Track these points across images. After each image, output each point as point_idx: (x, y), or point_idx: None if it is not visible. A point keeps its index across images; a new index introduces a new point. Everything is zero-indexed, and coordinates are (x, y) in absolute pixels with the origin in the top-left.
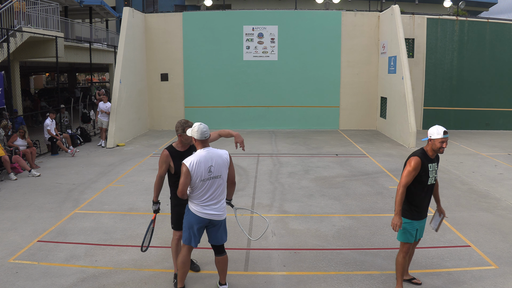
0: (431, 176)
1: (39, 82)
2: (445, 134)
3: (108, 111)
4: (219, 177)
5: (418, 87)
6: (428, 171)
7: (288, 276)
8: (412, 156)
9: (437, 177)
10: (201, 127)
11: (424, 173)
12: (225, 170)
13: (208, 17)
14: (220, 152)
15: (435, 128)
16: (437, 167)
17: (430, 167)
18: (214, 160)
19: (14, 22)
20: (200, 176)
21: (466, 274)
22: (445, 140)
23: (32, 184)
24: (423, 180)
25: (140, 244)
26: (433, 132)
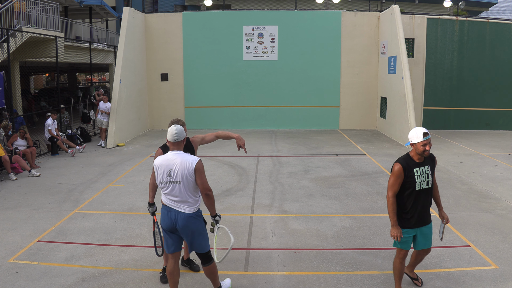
0: (419, 180)
1: (39, 82)
2: (425, 136)
3: (108, 111)
4: (178, 183)
5: (418, 87)
6: (415, 176)
7: (288, 276)
8: (395, 162)
9: (432, 180)
10: (173, 129)
11: (410, 179)
12: (188, 178)
13: (208, 17)
14: (188, 158)
15: (414, 131)
16: (430, 170)
17: (417, 171)
18: (176, 165)
19: (14, 22)
20: (160, 177)
21: (466, 274)
22: (426, 142)
23: (32, 184)
24: (410, 186)
25: (154, 247)
26: (413, 136)
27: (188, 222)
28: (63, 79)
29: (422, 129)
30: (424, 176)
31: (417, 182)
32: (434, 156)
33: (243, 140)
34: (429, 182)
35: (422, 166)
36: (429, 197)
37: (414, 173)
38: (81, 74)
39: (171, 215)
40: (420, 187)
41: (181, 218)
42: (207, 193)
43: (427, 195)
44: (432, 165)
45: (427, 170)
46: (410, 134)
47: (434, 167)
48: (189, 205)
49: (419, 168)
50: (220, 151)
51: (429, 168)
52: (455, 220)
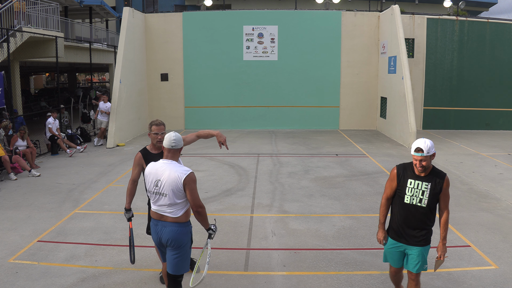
0: (409, 193)
1: (39, 82)
2: (417, 152)
3: (108, 111)
4: (165, 195)
5: (418, 87)
6: (406, 187)
7: (288, 276)
8: (395, 166)
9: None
10: (171, 134)
11: (401, 188)
12: (174, 191)
13: (208, 17)
14: (177, 170)
15: (415, 142)
16: (430, 189)
17: (411, 183)
18: (164, 176)
19: (14, 22)
20: (148, 186)
21: (466, 274)
22: (417, 159)
23: (32, 184)
24: (400, 196)
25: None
26: (412, 146)
27: (176, 236)
28: (63, 79)
29: (419, 143)
30: (418, 192)
31: (406, 194)
32: (446, 176)
33: (223, 136)
34: (423, 201)
35: (420, 180)
36: (420, 217)
37: (407, 183)
38: (81, 74)
39: (157, 229)
40: (409, 200)
41: (167, 232)
42: (198, 210)
43: (416, 213)
44: (436, 185)
45: (425, 187)
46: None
47: (439, 189)
48: (177, 207)
49: (415, 181)
50: (220, 151)
51: (429, 187)
52: (455, 220)
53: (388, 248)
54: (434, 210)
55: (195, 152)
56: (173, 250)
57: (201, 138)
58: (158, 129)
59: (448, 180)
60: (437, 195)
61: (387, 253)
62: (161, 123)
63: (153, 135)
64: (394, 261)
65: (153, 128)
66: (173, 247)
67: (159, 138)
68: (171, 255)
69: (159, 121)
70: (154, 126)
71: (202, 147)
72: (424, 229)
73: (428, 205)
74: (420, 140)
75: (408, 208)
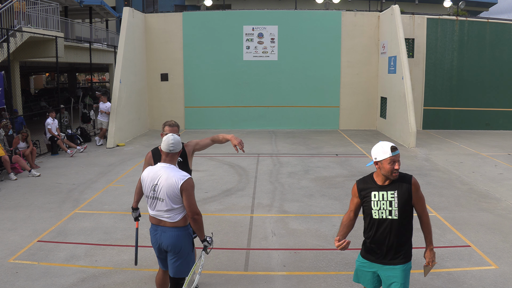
0: (376, 207)
1: (39, 82)
2: (393, 151)
3: (108, 111)
4: (161, 200)
5: (418, 87)
6: (371, 202)
7: (288, 276)
8: (355, 182)
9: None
10: (169, 138)
11: (366, 204)
12: (171, 197)
13: (208, 17)
14: (174, 175)
15: (380, 146)
16: (397, 197)
17: (375, 196)
18: (160, 180)
19: (14, 22)
20: (145, 190)
21: (466, 274)
22: (395, 159)
23: (32, 184)
24: (368, 212)
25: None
26: (378, 152)
27: (176, 240)
28: (63, 79)
29: (389, 143)
30: (385, 204)
31: (373, 209)
32: (412, 178)
33: (238, 139)
34: (393, 212)
35: (384, 190)
36: (394, 231)
37: (371, 197)
38: (81, 74)
39: (157, 236)
40: (378, 215)
41: (167, 237)
42: (194, 217)
43: (389, 228)
44: (404, 191)
45: (391, 196)
46: (373, 150)
47: (408, 195)
48: (175, 212)
49: (379, 193)
50: (220, 151)
51: (396, 194)
52: (455, 220)
53: (360, 264)
54: (409, 220)
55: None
56: (174, 255)
57: (216, 143)
58: (171, 131)
59: (416, 182)
60: (408, 202)
61: (359, 272)
62: (174, 125)
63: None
64: (367, 282)
65: (166, 129)
66: (174, 252)
67: None
68: (172, 259)
69: (173, 122)
70: (167, 127)
71: None
72: (401, 245)
73: (400, 215)
74: (382, 142)
75: (378, 223)
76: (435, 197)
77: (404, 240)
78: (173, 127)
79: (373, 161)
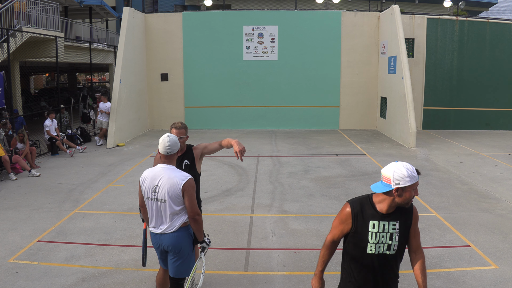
0: (373, 240)
1: (39, 82)
2: (419, 174)
3: (108, 111)
4: (163, 201)
5: (418, 87)
6: (367, 233)
7: (288, 276)
8: (347, 202)
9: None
10: (165, 140)
11: (360, 235)
12: (172, 198)
13: (208, 17)
14: (175, 175)
15: (403, 168)
16: (399, 229)
17: (375, 226)
18: (161, 181)
19: (14, 22)
20: (145, 192)
21: (466, 274)
22: (416, 185)
23: (32, 184)
24: (359, 245)
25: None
26: (403, 176)
27: (176, 241)
28: (63, 79)
29: (411, 165)
30: (385, 237)
31: (370, 242)
32: (414, 208)
33: (241, 145)
34: (392, 247)
35: (385, 220)
36: (389, 268)
37: (368, 228)
38: (81, 74)
39: (157, 236)
40: (374, 250)
41: (167, 238)
42: (195, 218)
43: (385, 264)
44: (405, 221)
45: (393, 228)
46: (395, 173)
47: (410, 225)
48: (172, 225)
49: (380, 223)
50: (220, 151)
51: (398, 226)
52: (455, 220)
53: None
54: (402, 254)
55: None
56: (174, 255)
57: (223, 148)
58: (178, 133)
59: (417, 213)
60: (406, 235)
61: None
62: (182, 127)
63: None
64: None
65: (173, 131)
66: (174, 252)
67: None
68: (173, 259)
69: (180, 124)
70: (174, 129)
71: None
72: (394, 283)
73: (398, 249)
74: (403, 164)
75: (372, 259)
76: (435, 197)
77: (396, 278)
78: (180, 130)
79: (390, 186)
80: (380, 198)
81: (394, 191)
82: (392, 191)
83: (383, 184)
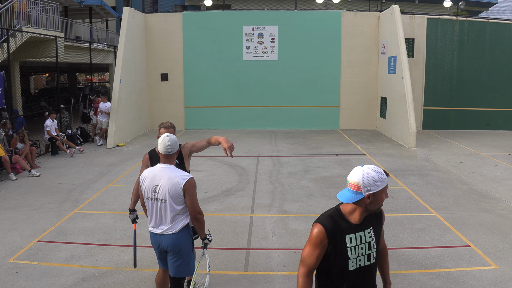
0: (354, 255)
1: (39, 82)
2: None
3: (108, 111)
4: (163, 201)
5: (418, 87)
6: (347, 249)
7: (288, 276)
8: (314, 223)
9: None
10: (165, 139)
11: (339, 253)
12: (173, 197)
13: (208, 17)
14: (176, 175)
15: (372, 172)
16: (374, 234)
17: (352, 240)
18: (161, 181)
19: (14, 22)
20: (145, 192)
21: (466, 274)
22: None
23: (32, 184)
24: (339, 264)
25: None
26: (373, 181)
27: (176, 240)
28: (63, 79)
29: (377, 167)
30: (364, 248)
31: (350, 257)
32: (382, 209)
33: (229, 142)
34: (372, 256)
35: (360, 230)
36: (370, 279)
37: (346, 243)
38: (81, 74)
39: (156, 236)
40: (356, 265)
41: (167, 238)
42: (196, 217)
43: (366, 276)
44: (377, 225)
45: (369, 236)
46: (364, 179)
47: (381, 227)
48: (173, 226)
49: (355, 235)
50: (220, 151)
51: (373, 232)
52: (455, 220)
53: None
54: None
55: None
56: (174, 255)
57: (211, 145)
58: (166, 132)
59: (383, 211)
60: (379, 237)
61: None
62: (170, 126)
63: None
64: None
65: (162, 131)
66: (174, 252)
67: None
68: (172, 259)
69: (168, 123)
70: (162, 129)
71: None
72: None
73: (376, 256)
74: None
75: (353, 276)
76: (435, 197)
77: (375, 284)
78: (168, 129)
79: (361, 194)
80: (350, 208)
81: (366, 198)
82: (363, 199)
83: (352, 193)
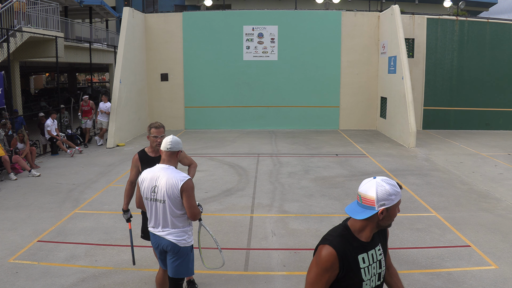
0: (367, 277)
1: (39, 82)
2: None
3: (108, 111)
4: (162, 202)
5: (418, 87)
6: (360, 270)
7: (288, 276)
8: (321, 244)
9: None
10: (169, 137)
11: (353, 275)
12: (172, 198)
13: (208, 17)
14: (175, 176)
15: (387, 185)
16: (381, 251)
17: (365, 260)
18: (160, 182)
19: (14, 22)
20: (144, 192)
21: (466, 274)
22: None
23: (32, 184)
24: (353, 284)
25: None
26: (388, 194)
27: (175, 242)
28: (63, 79)
29: (391, 179)
30: (375, 267)
31: (364, 279)
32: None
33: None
34: (381, 274)
35: (371, 248)
36: None
37: (359, 265)
38: (81, 74)
39: (156, 236)
40: (369, 287)
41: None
42: (194, 218)
43: None
44: (384, 240)
45: (380, 253)
46: (379, 193)
47: (387, 243)
48: (176, 229)
49: (368, 254)
50: (220, 151)
51: (381, 248)
52: (455, 220)
53: None
54: None
55: (195, 152)
56: (173, 255)
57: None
58: (157, 132)
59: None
60: (386, 253)
61: None
62: (160, 126)
63: (152, 138)
64: None
65: (152, 131)
66: (173, 252)
67: (158, 141)
68: (172, 259)
69: (158, 123)
70: (153, 129)
71: (202, 147)
72: None
73: (384, 274)
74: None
75: None
76: (435, 197)
77: None
78: (159, 129)
79: (374, 209)
80: (360, 225)
81: (379, 214)
82: (376, 214)
83: (364, 207)
